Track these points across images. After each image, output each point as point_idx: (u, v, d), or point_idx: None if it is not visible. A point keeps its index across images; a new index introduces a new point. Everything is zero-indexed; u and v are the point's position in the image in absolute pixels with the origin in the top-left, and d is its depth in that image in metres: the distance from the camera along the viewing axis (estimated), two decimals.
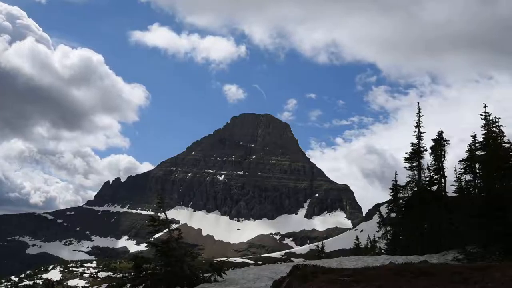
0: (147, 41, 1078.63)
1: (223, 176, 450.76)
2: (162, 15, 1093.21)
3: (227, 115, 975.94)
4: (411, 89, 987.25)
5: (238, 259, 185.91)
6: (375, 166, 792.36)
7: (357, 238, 64.67)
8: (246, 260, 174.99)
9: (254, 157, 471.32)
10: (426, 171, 36.31)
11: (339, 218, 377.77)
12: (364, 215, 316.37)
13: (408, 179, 37.25)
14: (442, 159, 35.53)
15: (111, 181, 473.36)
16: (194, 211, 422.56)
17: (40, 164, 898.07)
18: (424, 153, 36.66)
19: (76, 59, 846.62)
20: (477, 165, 32.92)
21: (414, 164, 36.77)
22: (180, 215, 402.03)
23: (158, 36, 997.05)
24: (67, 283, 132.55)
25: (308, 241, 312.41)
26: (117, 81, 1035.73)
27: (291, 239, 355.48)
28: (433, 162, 35.98)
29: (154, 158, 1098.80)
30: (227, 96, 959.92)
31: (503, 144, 28.77)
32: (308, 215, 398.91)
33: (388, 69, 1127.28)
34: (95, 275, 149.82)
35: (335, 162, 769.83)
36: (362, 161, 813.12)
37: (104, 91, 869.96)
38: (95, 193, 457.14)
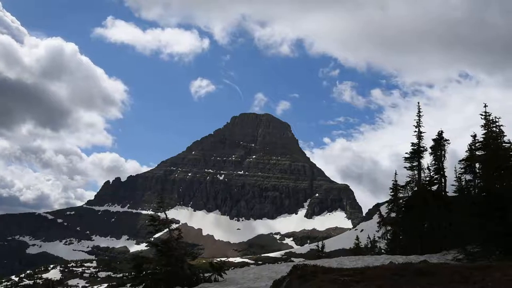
0: (110, 36, 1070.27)
1: (223, 175, 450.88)
2: (114, 8, 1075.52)
3: (204, 111, 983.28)
4: (395, 90, 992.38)
5: (238, 259, 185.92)
6: (355, 168, 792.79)
7: (357, 238, 64.47)
8: (246, 260, 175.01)
9: (254, 157, 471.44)
10: (426, 170, 36.30)
11: (339, 218, 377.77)
12: (364, 215, 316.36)
13: (408, 179, 37.24)
14: (442, 159, 35.53)
15: (111, 181, 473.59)
16: (194, 210, 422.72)
17: (26, 162, 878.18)
18: (424, 152, 36.63)
19: (49, 51, 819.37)
20: (477, 165, 32.91)
21: (414, 164, 36.76)
22: (180, 214, 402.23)
23: (120, 31, 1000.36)
24: (67, 283, 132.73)
25: (308, 241, 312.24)
26: (97, 74, 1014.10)
27: (291, 239, 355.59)
28: (433, 162, 35.97)
29: (140, 156, 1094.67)
30: (198, 92, 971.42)
31: (503, 144, 28.74)
32: (308, 215, 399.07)
33: (367, 68, 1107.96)
34: (95, 275, 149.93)
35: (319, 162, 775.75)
36: (341, 162, 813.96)
37: (83, 85, 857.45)
38: (85, 191, 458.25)
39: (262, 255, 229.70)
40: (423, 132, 36.62)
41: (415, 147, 36.63)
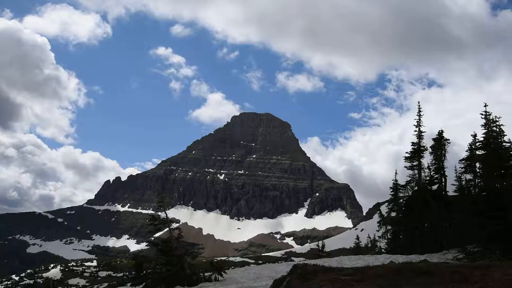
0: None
1: (223, 175, 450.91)
2: None
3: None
4: (351, 91, 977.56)
5: (239, 258, 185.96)
6: None
7: (358, 237, 64.66)
8: (247, 259, 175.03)
9: (254, 156, 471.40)
10: (427, 170, 36.28)
11: (339, 217, 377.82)
12: (364, 214, 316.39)
13: (409, 178, 37.24)
14: (443, 158, 35.52)
15: (111, 180, 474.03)
16: (195, 210, 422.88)
17: None
18: (424, 152, 36.62)
19: None
20: (477, 164, 32.89)
21: (414, 163, 36.74)
22: (181, 214, 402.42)
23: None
24: (67, 282, 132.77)
25: (309, 240, 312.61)
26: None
27: (292, 238, 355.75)
28: (433, 161, 35.96)
29: (100, 146, 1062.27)
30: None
31: (504, 143, 28.71)
32: (309, 214, 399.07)
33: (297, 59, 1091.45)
34: (96, 274, 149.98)
35: None
36: None
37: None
38: (63, 185, 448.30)
39: (262, 254, 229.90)
40: (423, 132, 36.60)
41: (415, 147, 36.61)
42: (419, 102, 37.56)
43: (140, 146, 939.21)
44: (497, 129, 29.81)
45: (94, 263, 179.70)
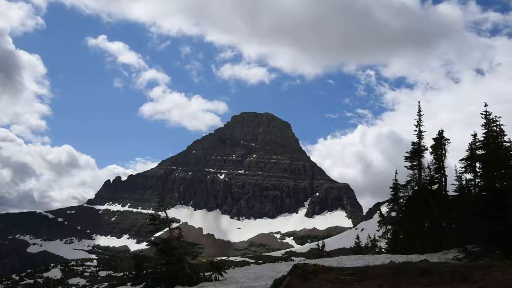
0: None
1: (223, 175, 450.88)
2: None
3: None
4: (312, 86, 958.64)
5: (239, 258, 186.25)
6: None
7: (358, 237, 64.50)
8: (247, 259, 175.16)
9: (254, 156, 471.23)
10: (427, 170, 36.28)
11: (339, 217, 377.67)
12: (364, 214, 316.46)
13: (409, 178, 37.26)
14: (443, 158, 35.53)
15: (111, 180, 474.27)
16: (195, 210, 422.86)
17: None
18: (424, 152, 36.61)
19: None
20: (477, 164, 32.88)
21: (414, 163, 36.75)
22: (181, 214, 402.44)
23: None
24: (67, 282, 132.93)
25: (309, 240, 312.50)
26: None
27: (292, 238, 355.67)
28: (433, 161, 35.97)
29: (72, 139, 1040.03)
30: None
31: (504, 143, 28.71)
32: (309, 214, 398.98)
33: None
34: (96, 274, 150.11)
35: None
36: None
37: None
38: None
39: (263, 254, 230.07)
40: (424, 132, 36.58)
41: (416, 146, 36.61)
42: (419, 102, 37.56)
43: (116, 143, 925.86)
44: (497, 129, 29.80)
45: (94, 262, 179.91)
